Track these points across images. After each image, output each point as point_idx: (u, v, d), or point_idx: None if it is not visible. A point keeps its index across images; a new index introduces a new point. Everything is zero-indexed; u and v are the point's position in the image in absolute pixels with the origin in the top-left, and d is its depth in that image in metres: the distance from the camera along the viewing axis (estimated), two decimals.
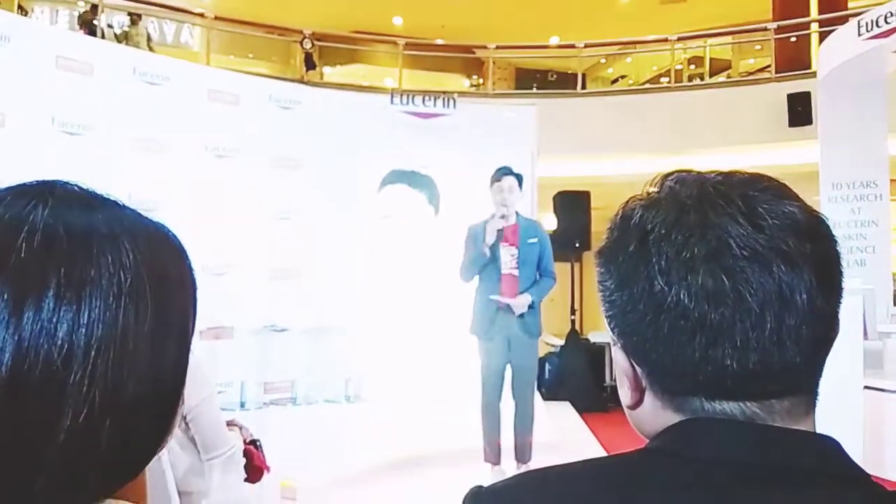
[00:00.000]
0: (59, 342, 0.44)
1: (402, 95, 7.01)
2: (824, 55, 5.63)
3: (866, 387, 2.96)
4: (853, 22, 5.10)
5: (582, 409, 6.35)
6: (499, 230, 3.97)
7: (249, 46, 14.46)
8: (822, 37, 8.56)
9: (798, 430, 0.57)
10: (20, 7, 11.51)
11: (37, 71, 5.03)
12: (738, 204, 0.58)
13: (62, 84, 5.15)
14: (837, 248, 0.61)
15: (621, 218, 0.65)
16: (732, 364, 0.56)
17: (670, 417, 0.60)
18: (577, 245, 7.58)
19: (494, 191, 4.08)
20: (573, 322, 7.68)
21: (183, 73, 6.08)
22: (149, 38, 9.98)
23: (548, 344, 8.00)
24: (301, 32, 10.20)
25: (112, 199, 0.54)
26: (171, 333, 0.51)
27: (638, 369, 0.62)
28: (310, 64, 10.31)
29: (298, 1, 13.01)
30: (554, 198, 8.02)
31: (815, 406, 0.61)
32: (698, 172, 0.65)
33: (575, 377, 6.88)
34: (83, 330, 0.45)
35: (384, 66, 13.76)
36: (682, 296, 0.57)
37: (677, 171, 0.67)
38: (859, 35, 4.89)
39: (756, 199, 0.59)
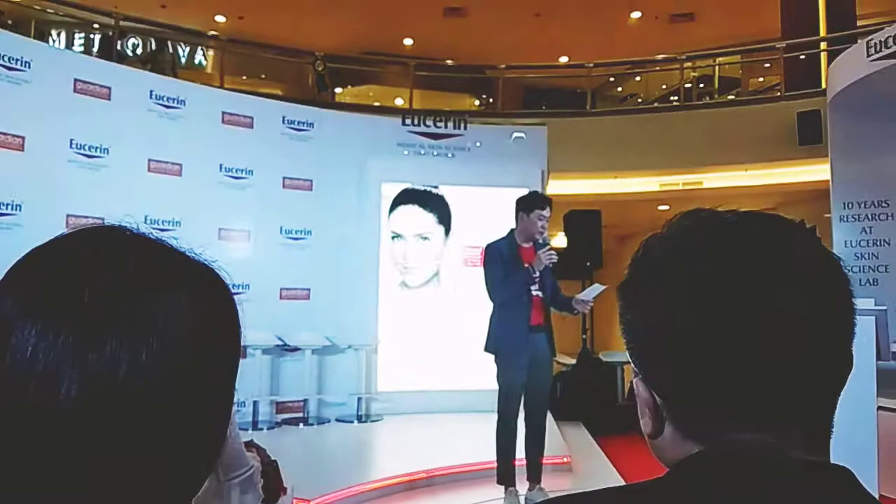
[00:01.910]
0: (120, 380, 0.47)
1: (413, 116, 7.08)
2: (833, 76, 5.65)
3: (880, 407, 2.96)
4: (861, 43, 5.13)
5: (594, 430, 6.32)
6: (556, 261, 4.00)
7: (262, 67, 14.64)
8: (832, 55, 8.56)
9: (813, 460, 0.60)
10: (38, 32, 11.74)
11: (56, 95, 5.14)
12: (755, 242, 0.61)
13: (80, 108, 5.26)
14: (850, 287, 0.63)
15: (641, 254, 0.68)
16: (750, 395, 0.58)
17: (690, 447, 0.62)
18: (589, 264, 7.57)
19: (535, 217, 4.07)
20: (585, 341, 7.65)
21: (198, 96, 6.18)
22: (174, 63, 10.17)
23: (559, 363, 7.97)
24: (313, 54, 10.30)
25: (165, 241, 0.57)
26: (220, 371, 0.54)
27: (658, 399, 0.65)
28: (322, 85, 10.41)
29: (310, 23, 13.17)
30: (564, 217, 8.02)
31: (830, 436, 0.63)
32: (714, 210, 0.68)
33: (587, 397, 6.85)
34: (142, 370, 0.48)
35: (395, 86, 13.88)
36: (697, 329, 0.59)
37: (696, 210, 0.69)
38: (868, 56, 4.91)
39: (771, 238, 0.61)
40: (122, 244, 0.53)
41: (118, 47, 9.40)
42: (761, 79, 13.53)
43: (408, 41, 14.77)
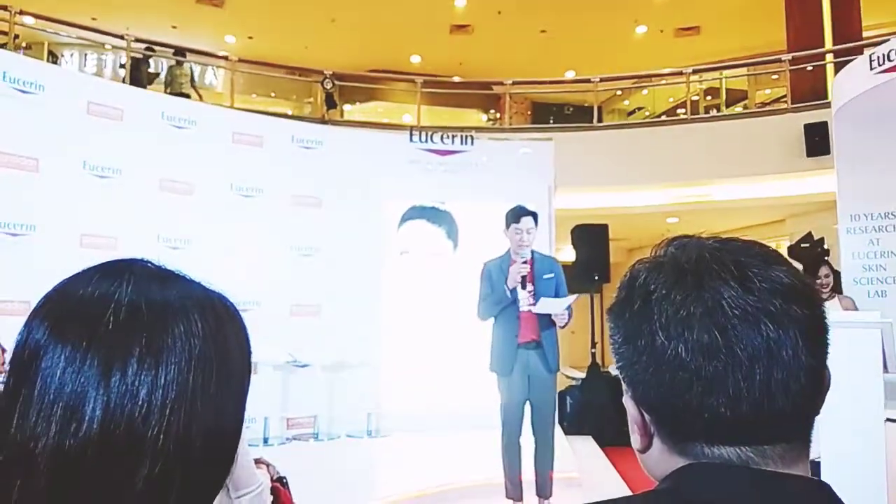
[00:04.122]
0: (141, 402, 0.52)
1: (421, 133, 7.13)
2: (837, 89, 5.67)
3: (888, 419, 2.96)
4: (865, 56, 5.15)
5: (604, 444, 6.31)
6: (524, 275, 3.99)
7: (271, 86, 14.81)
8: (838, 67, 8.58)
9: (790, 474, 0.63)
10: (50, 53, 11.95)
11: (69, 117, 5.24)
12: (731, 269, 0.65)
13: (93, 129, 5.35)
14: (822, 309, 0.66)
15: (628, 279, 0.72)
16: (726, 412, 0.62)
17: (675, 461, 0.66)
18: (597, 277, 7.58)
19: (512, 232, 4.09)
20: (594, 355, 7.64)
21: (209, 116, 6.28)
22: (192, 79, 10.34)
23: (568, 377, 7.97)
24: (322, 73, 10.42)
25: (182, 273, 0.62)
26: (231, 393, 0.58)
27: (646, 416, 0.69)
28: (330, 102, 10.51)
29: (319, 42, 13.34)
30: (572, 231, 8.04)
31: (808, 451, 0.67)
32: (698, 238, 0.72)
33: (596, 411, 6.84)
34: (160, 391, 0.53)
35: (403, 102, 14.00)
36: (680, 350, 0.63)
37: (680, 237, 0.74)
38: (871, 69, 4.94)
39: (747, 264, 0.65)
40: (142, 276, 0.58)
41: (150, 69, 9.62)
42: (768, 91, 13.55)
43: (415, 58, 14.91)
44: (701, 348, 0.62)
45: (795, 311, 0.63)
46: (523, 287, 4.02)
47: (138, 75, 9.47)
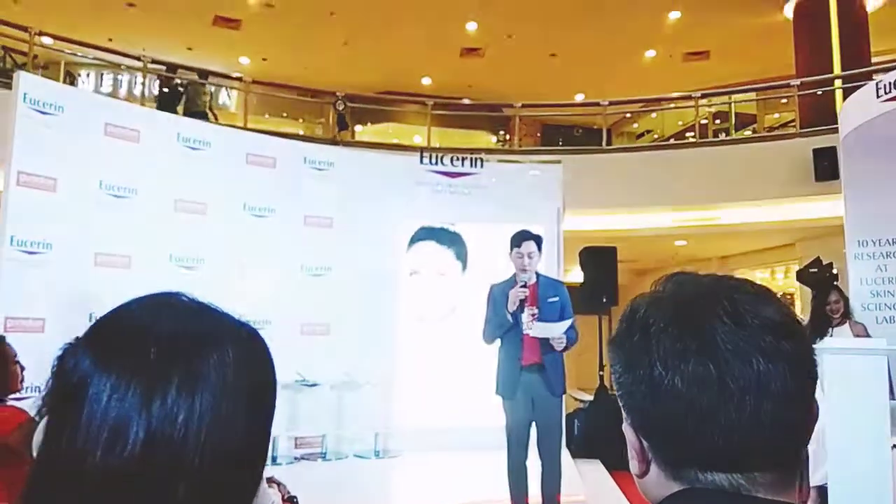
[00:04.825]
0: (179, 427, 0.57)
1: (431, 155, 7.20)
2: (845, 116, 5.71)
3: (894, 446, 2.96)
4: (871, 84, 5.20)
5: (612, 467, 6.28)
6: (523, 299, 4.02)
7: (284, 106, 14.99)
8: (847, 91, 8.62)
9: (779, 500, 0.67)
10: (68, 73, 12.17)
11: (87, 138, 5.32)
12: (725, 306, 0.70)
13: (110, 150, 5.44)
14: (810, 345, 0.71)
15: (629, 312, 0.77)
16: (719, 441, 0.66)
17: (671, 486, 0.71)
18: (605, 300, 7.58)
19: (514, 256, 4.14)
20: (601, 377, 7.63)
21: (223, 138, 6.37)
22: (211, 97, 10.55)
23: (576, 399, 7.95)
24: (334, 94, 10.55)
25: (213, 306, 0.67)
26: (259, 418, 0.64)
27: (644, 443, 0.73)
28: (342, 124, 10.63)
29: (331, 63, 13.51)
30: (580, 253, 8.06)
31: (798, 480, 0.71)
32: (696, 275, 0.77)
33: (604, 434, 6.81)
34: (196, 417, 0.58)
35: (414, 124, 14.13)
36: (676, 381, 0.68)
37: (678, 273, 0.79)
38: (878, 97, 4.98)
39: (740, 301, 0.70)
40: (178, 310, 0.64)
41: (181, 90, 9.83)
42: (777, 115, 13.59)
43: (426, 80, 15.06)
44: (695, 380, 0.67)
45: (785, 346, 0.68)
46: (522, 310, 4.05)
47: (169, 97, 9.68)
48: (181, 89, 9.84)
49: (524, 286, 4.03)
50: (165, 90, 9.91)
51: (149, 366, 0.58)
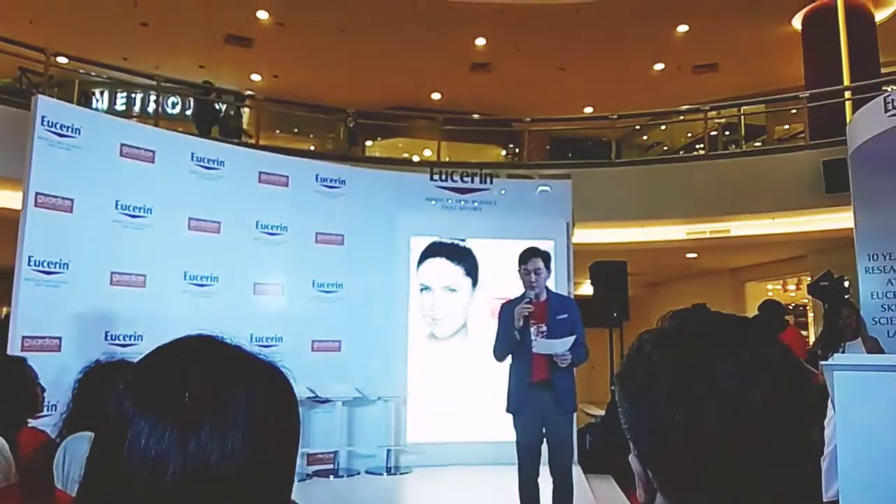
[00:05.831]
0: (212, 462, 0.62)
1: (441, 172, 7.25)
2: (853, 130, 5.71)
3: None
4: (879, 99, 5.21)
5: (624, 483, 6.26)
6: (526, 315, 4.05)
7: (295, 122, 15.14)
8: (856, 103, 8.61)
9: None
10: (83, 92, 12.34)
11: (103, 159, 5.41)
12: (728, 343, 0.73)
13: (126, 171, 5.53)
14: (808, 381, 0.75)
15: (636, 348, 0.81)
16: (721, 470, 0.70)
17: None
18: (616, 314, 7.59)
19: (521, 273, 4.17)
20: (613, 392, 7.61)
21: (236, 157, 6.46)
22: (238, 115, 10.75)
23: (588, 415, 7.94)
24: (345, 111, 10.65)
25: (242, 347, 0.72)
26: (286, 451, 0.69)
27: (649, 473, 0.77)
28: (353, 139, 10.73)
29: (342, 80, 13.63)
30: (590, 267, 8.07)
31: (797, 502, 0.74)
32: (698, 313, 0.81)
33: (616, 450, 6.79)
34: (228, 453, 0.63)
35: (424, 138, 14.23)
36: (678, 416, 0.72)
37: (682, 310, 0.83)
38: (886, 112, 4.99)
39: (742, 340, 0.74)
40: (210, 353, 0.69)
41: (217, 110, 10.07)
42: (787, 126, 13.58)
43: (436, 95, 15.16)
44: (697, 414, 0.71)
45: (784, 384, 0.72)
46: (526, 327, 4.07)
47: (205, 115, 9.85)
48: (217, 107, 10.02)
49: (529, 303, 4.05)
50: (200, 110, 10.11)
51: (182, 409, 0.63)
